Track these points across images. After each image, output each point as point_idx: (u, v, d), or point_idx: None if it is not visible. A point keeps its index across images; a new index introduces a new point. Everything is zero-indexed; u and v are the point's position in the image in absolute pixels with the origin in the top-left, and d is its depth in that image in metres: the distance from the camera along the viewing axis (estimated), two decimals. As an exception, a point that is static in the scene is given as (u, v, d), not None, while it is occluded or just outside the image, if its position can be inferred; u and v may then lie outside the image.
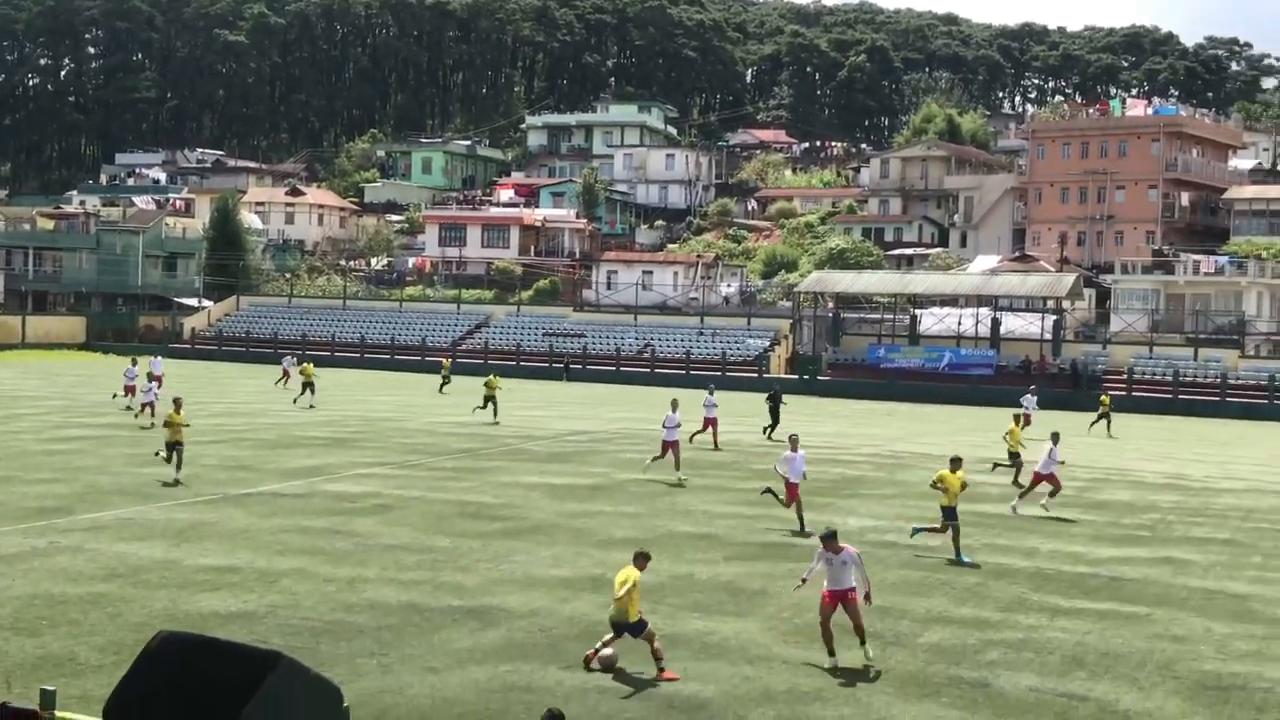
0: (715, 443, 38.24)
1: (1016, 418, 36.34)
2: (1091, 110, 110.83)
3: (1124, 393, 68.81)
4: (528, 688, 13.69)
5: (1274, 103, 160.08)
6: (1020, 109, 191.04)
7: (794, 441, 25.16)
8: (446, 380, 60.79)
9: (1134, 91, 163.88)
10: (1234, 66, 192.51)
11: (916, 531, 22.50)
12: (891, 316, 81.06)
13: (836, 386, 73.11)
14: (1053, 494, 27.34)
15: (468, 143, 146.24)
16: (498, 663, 14.59)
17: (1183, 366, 70.44)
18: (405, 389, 62.46)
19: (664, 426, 31.51)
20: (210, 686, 6.84)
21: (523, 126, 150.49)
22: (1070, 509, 27.87)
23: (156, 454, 28.63)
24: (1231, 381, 68.67)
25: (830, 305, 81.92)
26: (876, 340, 77.99)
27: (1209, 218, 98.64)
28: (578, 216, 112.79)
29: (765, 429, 42.70)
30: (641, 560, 14.70)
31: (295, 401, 48.36)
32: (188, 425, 28.39)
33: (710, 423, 38.61)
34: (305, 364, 52.61)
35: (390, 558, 20.14)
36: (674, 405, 32.11)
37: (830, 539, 15.17)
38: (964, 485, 22.25)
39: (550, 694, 13.45)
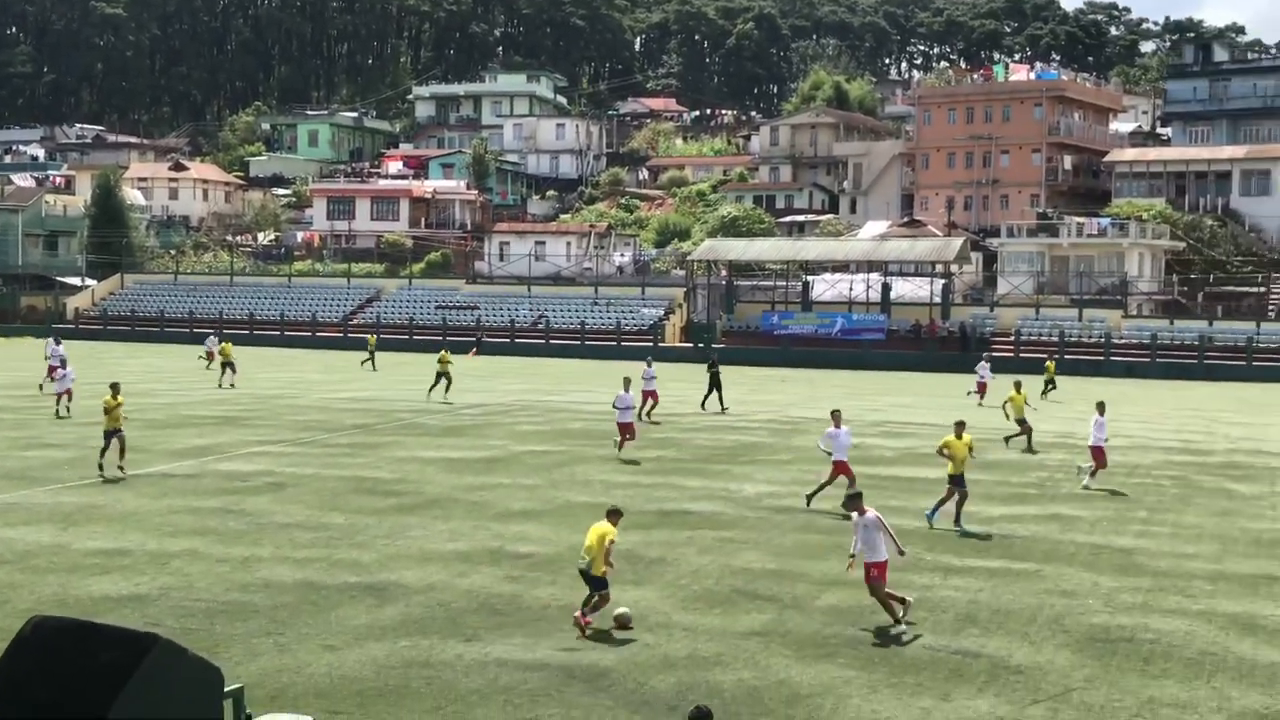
0: (649, 415, 36.94)
1: (1016, 384, 34.41)
2: (976, 76, 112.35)
3: (1011, 354, 70.02)
4: (427, 663, 13.61)
5: (1152, 66, 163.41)
6: (906, 75, 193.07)
7: (836, 417, 23.88)
8: (372, 357, 59.71)
9: (1017, 56, 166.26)
10: (1113, 31, 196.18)
11: (931, 515, 21.64)
12: (784, 283, 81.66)
13: (731, 354, 73.45)
14: (1094, 472, 26.54)
15: (354, 114, 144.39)
16: (396, 638, 14.49)
17: (1068, 327, 71.89)
18: (296, 365, 61.68)
19: (615, 407, 30.33)
20: (85, 670, 6.71)
21: (410, 97, 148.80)
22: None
23: (101, 466, 25.39)
24: (1115, 341, 70.26)
25: (723, 273, 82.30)
26: (770, 307, 78.53)
27: (1091, 180, 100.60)
28: (468, 188, 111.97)
29: (704, 399, 41.53)
30: (614, 517, 15.59)
31: (220, 385, 47.00)
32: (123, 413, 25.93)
33: (649, 395, 37.64)
34: (225, 343, 51.44)
35: (284, 536, 19.89)
36: (626, 384, 31.08)
37: (852, 499, 16.21)
38: (971, 450, 21.75)
39: (450, 668, 13.40)
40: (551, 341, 77.14)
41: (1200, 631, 15.39)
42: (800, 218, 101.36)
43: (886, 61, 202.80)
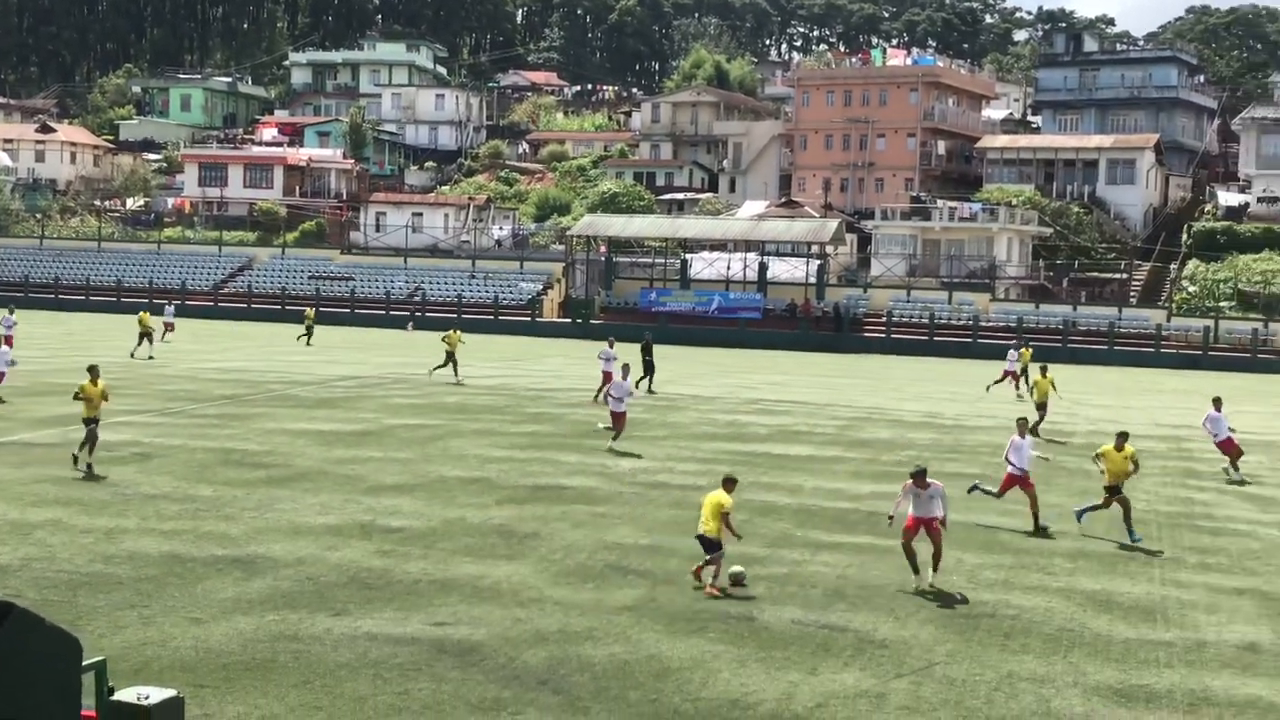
0: (597, 396, 35.62)
1: (1043, 369, 34.31)
2: (854, 59, 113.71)
3: (884, 335, 71.23)
4: (295, 636, 13.45)
5: (1025, 55, 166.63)
6: (786, 57, 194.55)
7: (1022, 426, 21.45)
8: (310, 332, 58.32)
9: (894, 41, 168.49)
10: (988, 19, 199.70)
11: (1080, 514, 20.68)
12: (663, 260, 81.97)
13: (609, 330, 73.55)
14: (1234, 461, 26.80)
15: (229, 79, 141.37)
16: (264, 612, 14.29)
17: (938, 309, 73.26)
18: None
19: (610, 395, 28.36)
20: (-68, 641, 6.50)
21: (286, 64, 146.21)
22: (832, 447, 28.74)
23: (76, 459, 22.47)
24: (983, 323, 71.77)
25: (602, 249, 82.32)
26: (648, 284, 78.82)
27: (964, 165, 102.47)
28: (345, 157, 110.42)
29: (638, 381, 39.46)
30: (730, 485, 16.42)
31: (150, 357, 45.61)
32: (104, 396, 23.01)
33: (608, 376, 35.57)
34: (142, 312, 49.65)
35: (150, 507, 19.49)
36: (624, 371, 29.18)
37: (920, 475, 16.57)
38: (1135, 461, 20.12)
39: (319, 642, 13.26)
40: (428, 314, 76.55)
41: (1059, 608, 15.81)
42: (680, 196, 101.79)
43: (767, 42, 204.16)
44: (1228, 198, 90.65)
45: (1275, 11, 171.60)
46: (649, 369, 40.08)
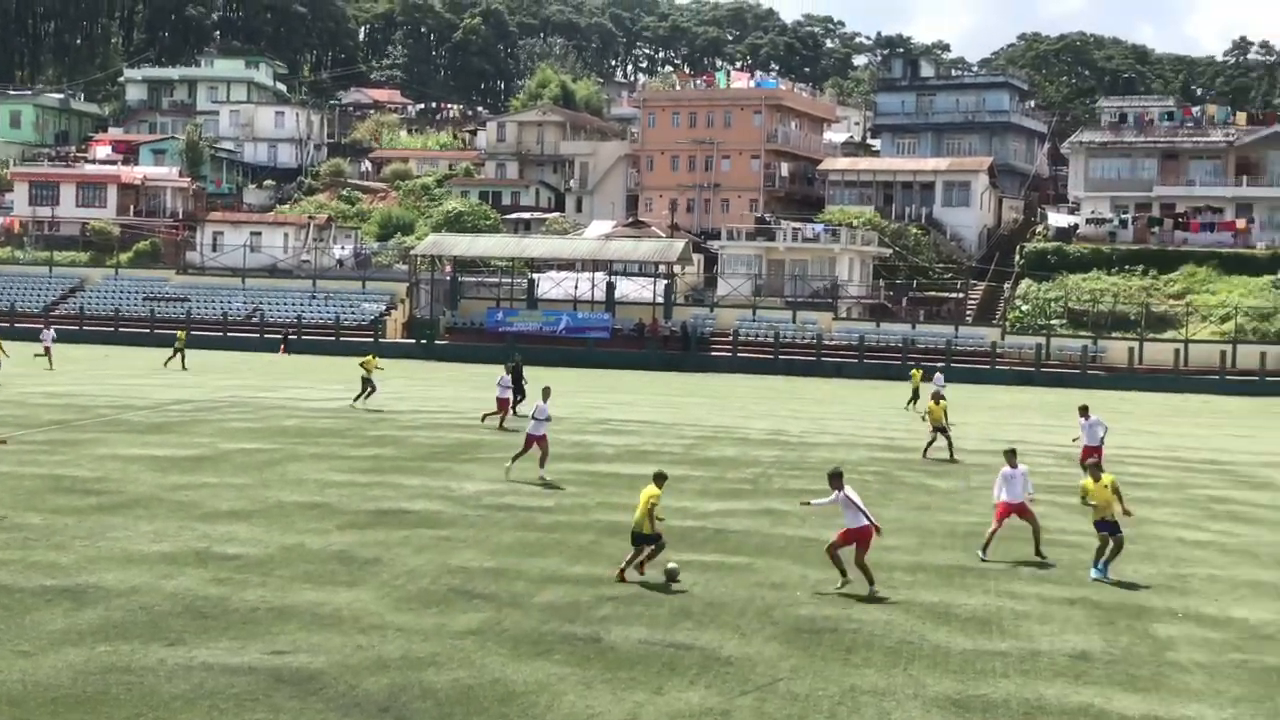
0: (501, 423, 35.08)
1: (935, 397, 33.07)
2: (699, 81, 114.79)
3: (730, 354, 71.96)
4: (128, 668, 13.01)
5: (864, 80, 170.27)
6: (632, 78, 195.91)
7: (1010, 458, 20.52)
8: (180, 353, 56.60)
9: (738, 64, 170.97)
10: (829, 44, 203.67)
11: (1101, 573, 19.00)
12: (509, 280, 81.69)
13: (455, 350, 73.16)
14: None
15: (61, 95, 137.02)
16: (95, 643, 13.81)
17: (783, 328, 74.27)
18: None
19: (533, 418, 26.82)
20: None
21: (121, 80, 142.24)
22: (679, 465, 28.85)
23: None
24: (826, 342, 72.99)
25: (448, 269, 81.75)
26: (495, 304, 78.48)
27: (806, 187, 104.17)
28: (181, 175, 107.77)
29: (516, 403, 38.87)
30: (660, 481, 18.08)
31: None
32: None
33: (502, 404, 35.43)
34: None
35: (-28, 539, 18.71)
36: (545, 394, 27.73)
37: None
38: (1116, 491, 19.06)
39: (152, 673, 12.85)
40: (266, 336, 75.12)
41: (899, 621, 16.05)
42: (526, 215, 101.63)
43: (613, 63, 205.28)
44: (1058, 219, 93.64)
45: (1102, 39, 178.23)
46: (519, 391, 39.16)
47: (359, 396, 39.83)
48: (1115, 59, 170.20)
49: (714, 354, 72.81)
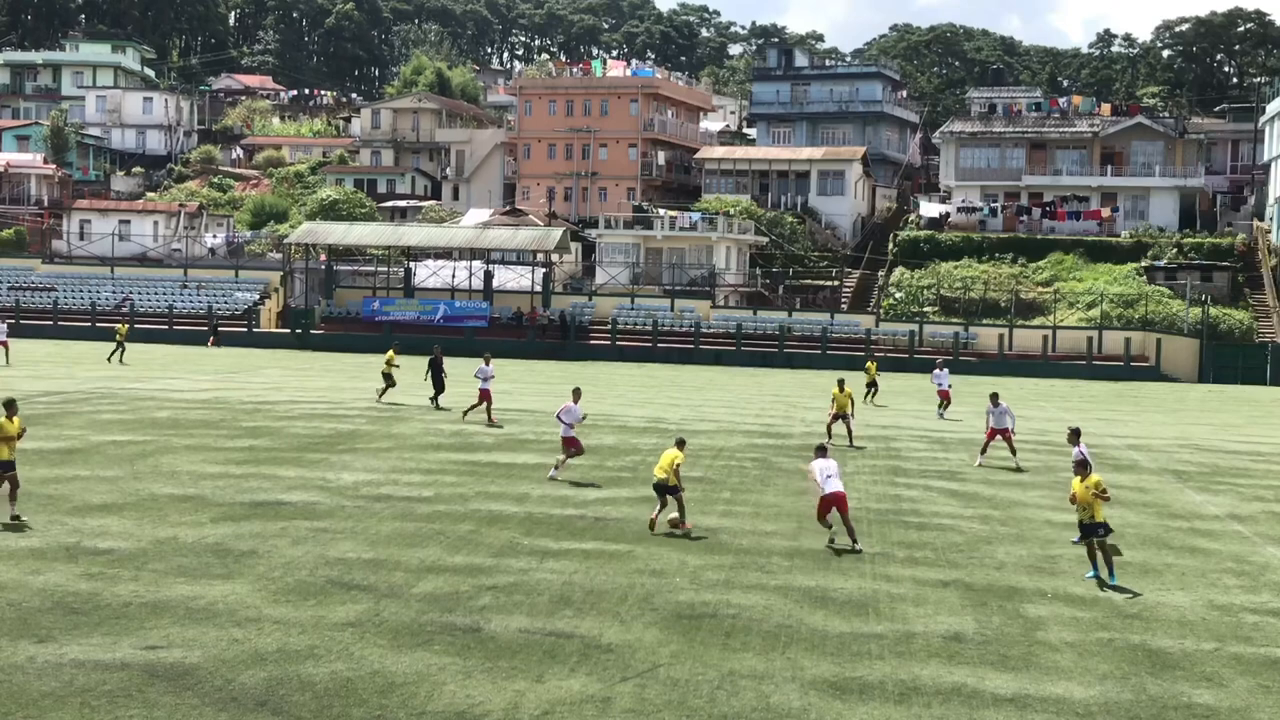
0: (490, 418, 34.53)
1: (840, 383, 33.16)
2: (575, 70, 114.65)
3: (609, 342, 72.09)
4: (-7, 669, 12.68)
5: (740, 69, 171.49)
6: (508, 65, 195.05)
7: (1072, 437, 23.09)
8: (121, 348, 55.30)
9: (614, 53, 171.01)
10: (704, 33, 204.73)
11: (1106, 578, 18.23)
12: (385, 269, 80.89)
13: (330, 340, 72.31)
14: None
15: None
16: (-43, 644, 13.42)
17: (661, 316, 74.54)
18: None
19: (560, 420, 26.13)
20: None
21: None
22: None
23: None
24: (704, 330, 73.41)
25: (323, 257, 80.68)
26: (371, 293, 77.64)
27: (683, 176, 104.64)
28: (45, 161, 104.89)
29: (432, 398, 38.81)
30: (681, 445, 21.19)
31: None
32: (20, 434, 20.31)
33: (484, 395, 34.63)
34: None
35: None
36: (575, 395, 26.97)
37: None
38: (1100, 489, 18.14)
39: (21, 671, 12.54)
40: (137, 325, 73.53)
41: (777, 605, 16.25)
42: (402, 203, 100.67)
43: (489, 51, 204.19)
44: (929, 208, 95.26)
45: (972, 31, 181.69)
46: (439, 385, 38.76)
47: (382, 392, 39.92)
48: (984, 50, 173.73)
49: (593, 342, 72.89)
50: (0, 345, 52.54)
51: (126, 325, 60.78)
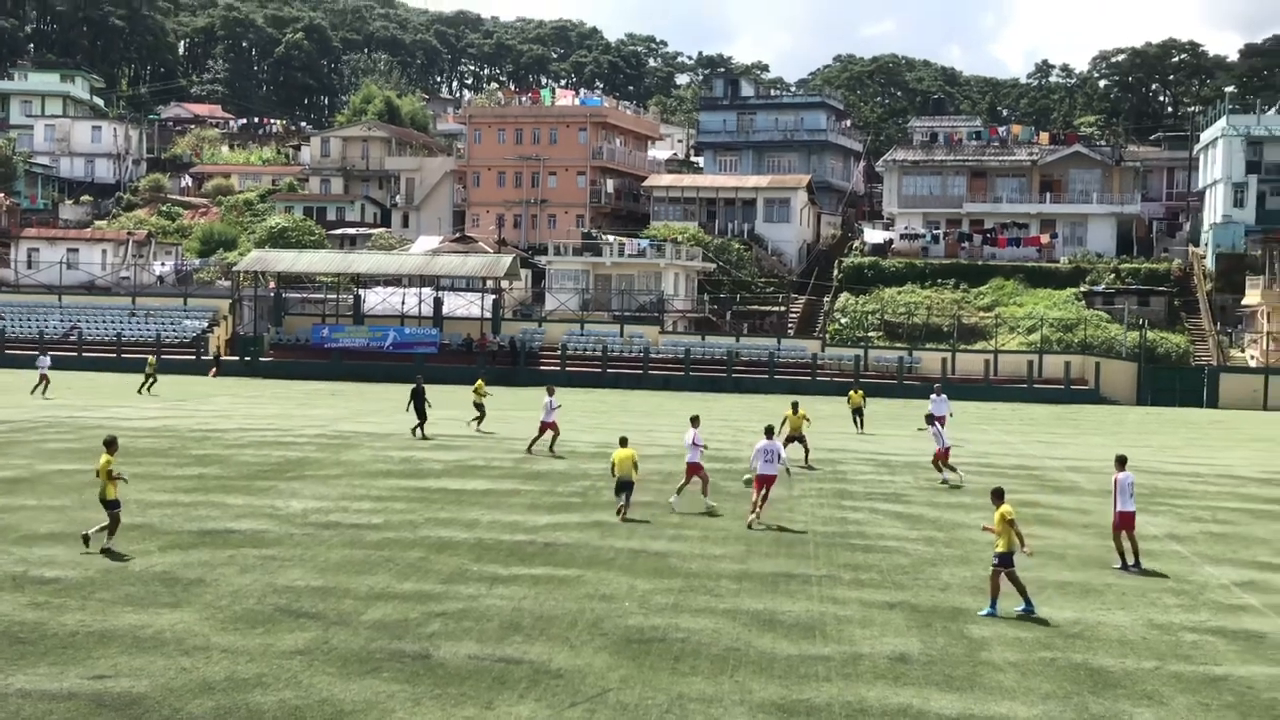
0: (551, 447, 34.84)
1: (794, 405, 34.42)
2: (524, 98, 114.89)
3: (559, 368, 72.15)
4: (-62, 700, 12.62)
5: (687, 98, 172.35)
6: (458, 94, 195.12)
7: (1120, 463, 21.24)
8: (152, 380, 55.06)
9: (563, 82, 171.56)
10: (652, 63, 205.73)
11: (1024, 609, 17.71)
12: (335, 296, 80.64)
13: (280, 367, 72.00)
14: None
15: None
16: (-98, 676, 13.34)
17: (610, 342, 74.73)
18: None
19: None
20: None
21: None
22: (508, 480, 28.93)
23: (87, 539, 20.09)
24: (653, 355, 73.68)
25: (272, 285, 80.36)
26: (320, 320, 77.40)
27: (632, 203, 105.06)
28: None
29: (415, 428, 38.40)
30: (624, 443, 24.49)
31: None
32: (125, 480, 21.33)
33: (545, 427, 34.88)
34: None
35: None
36: (694, 421, 26.51)
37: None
38: (1010, 521, 17.62)
39: (-35, 705, 12.49)
40: (85, 354, 72.90)
41: (726, 629, 16.39)
42: (352, 231, 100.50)
43: (438, 80, 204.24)
44: (873, 235, 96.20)
45: (914, 61, 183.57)
46: (421, 414, 38.54)
47: (473, 420, 41.20)
48: (926, 80, 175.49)
49: (543, 368, 72.91)
50: (42, 379, 52.01)
51: (156, 357, 61.27)
